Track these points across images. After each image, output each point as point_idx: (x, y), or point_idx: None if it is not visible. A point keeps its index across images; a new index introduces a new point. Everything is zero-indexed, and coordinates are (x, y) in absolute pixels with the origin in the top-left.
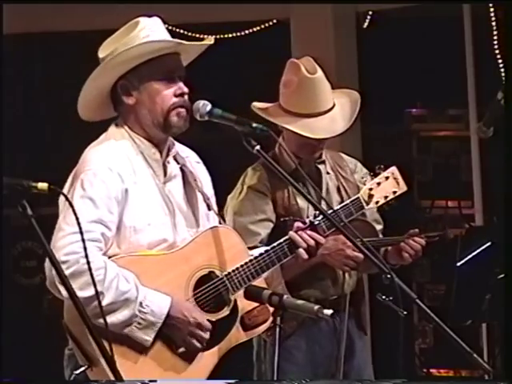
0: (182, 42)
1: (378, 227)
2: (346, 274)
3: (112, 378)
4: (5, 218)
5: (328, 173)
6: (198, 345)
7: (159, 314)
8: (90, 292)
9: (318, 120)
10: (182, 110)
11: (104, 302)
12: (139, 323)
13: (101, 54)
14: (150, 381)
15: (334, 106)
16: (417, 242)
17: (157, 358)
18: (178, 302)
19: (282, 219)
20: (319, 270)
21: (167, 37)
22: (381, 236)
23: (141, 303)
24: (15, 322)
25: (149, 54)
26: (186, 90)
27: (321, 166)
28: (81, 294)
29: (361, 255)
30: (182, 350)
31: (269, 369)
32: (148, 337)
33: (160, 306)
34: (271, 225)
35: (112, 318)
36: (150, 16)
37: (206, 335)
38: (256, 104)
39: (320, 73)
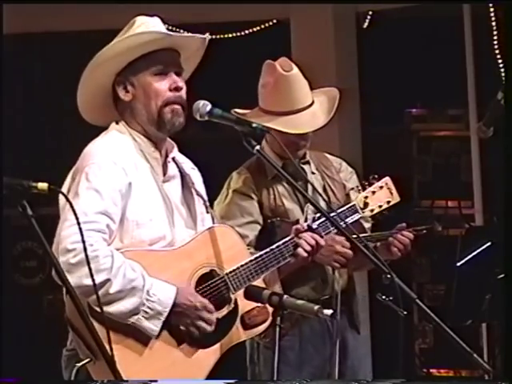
0: (170, 34)
1: (367, 225)
2: (336, 273)
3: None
4: (5, 218)
5: (313, 173)
6: (208, 327)
7: (165, 302)
8: (99, 279)
9: (297, 116)
10: (177, 107)
11: (112, 290)
12: (146, 312)
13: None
14: (151, 381)
15: (313, 102)
16: (405, 236)
17: (160, 353)
18: (183, 290)
19: (269, 221)
20: (310, 270)
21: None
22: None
23: (148, 291)
24: (15, 321)
25: (141, 46)
26: (180, 84)
27: (305, 167)
28: (89, 281)
29: (350, 251)
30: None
31: (263, 371)
32: (155, 327)
33: (166, 295)
34: (258, 227)
35: (119, 307)
36: (150, 15)
37: (213, 317)
38: (236, 110)
39: (296, 70)
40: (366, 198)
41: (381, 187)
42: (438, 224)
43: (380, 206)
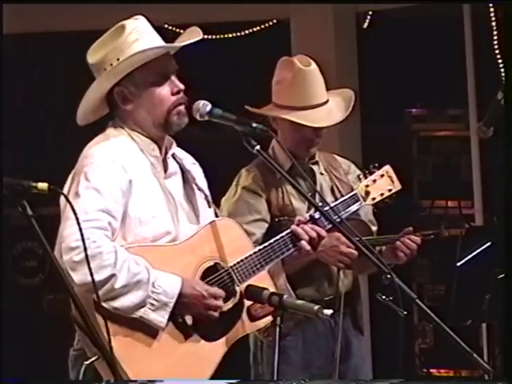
0: (174, 46)
1: (373, 228)
2: (341, 274)
3: (122, 368)
4: (5, 218)
5: (322, 173)
6: (215, 314)
7: (171, 293)
8: (104, 274)
9: (314, 111)
10: (181, 108)
11: (117, 285)
12: (152, 304)
13: (90, 59)
14: (155, 380)
15: (328, 101)
16: (412, 240)
17: (167, 348)
18: (189, 280)
19: (276, 219)
20: (314, 269)
21: (155, 36)
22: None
23: (153, 284)
24: (15, 321)
25: (144, 61)
26: (181, 86)
27: (314, 167)
28: (94, 277)
29: (355, 252)
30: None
31: (266, 370)
32: (162, 318)
33: (172, 285)
34: (266, 225)
35: (125, 301)
36: (150, 15)
37: (221, 303)
38: (248, 107)
39: (314, 66)
40: (368, 186)
41: (381, 176)
42: (444, 229)
43: (382, 194)
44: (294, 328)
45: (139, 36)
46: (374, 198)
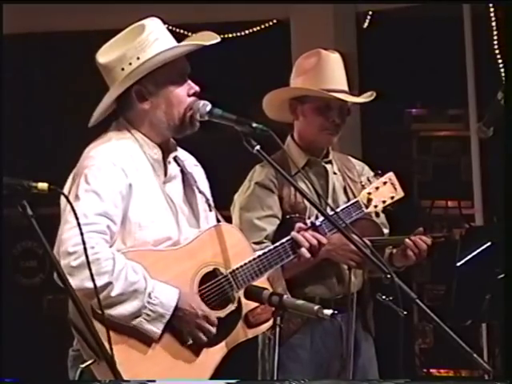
0: (203, 44)
1: (385, 231)
2: (352, 274)
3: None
4: (5, 217)
5: (335, 173)
6: (204, 338)
7: (168, 305)
8: (101, 282)
9: (339, 94)
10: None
11: (113, 293)
12: (148, 315)
13: (102, 59)
14: (151, 381)
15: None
16: (423, 240)
17: (164, 353)
18: (186, 295)
19: (287, 216)
20: (325, 268)
21: (171, 37)
22: None
23: (149, 294)
24: (15, 321)
25: (166, 60)
26: (197, 88)
27: (328, 166)
28: (90, 284)
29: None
30: (189, 342)
31: (271, 368)
32: (156, 329)
33: (168, 297)
34: (277, 221)
35: (121, 310)
36: (148, 16)
37: (213, 329)
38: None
39: (338, 55)
40: (370, 194)
41: (384, 183)
42: (455, 233)
43: (384, 202)
44: (303, 325)
45: (159, 36)
46: (376, 206)
